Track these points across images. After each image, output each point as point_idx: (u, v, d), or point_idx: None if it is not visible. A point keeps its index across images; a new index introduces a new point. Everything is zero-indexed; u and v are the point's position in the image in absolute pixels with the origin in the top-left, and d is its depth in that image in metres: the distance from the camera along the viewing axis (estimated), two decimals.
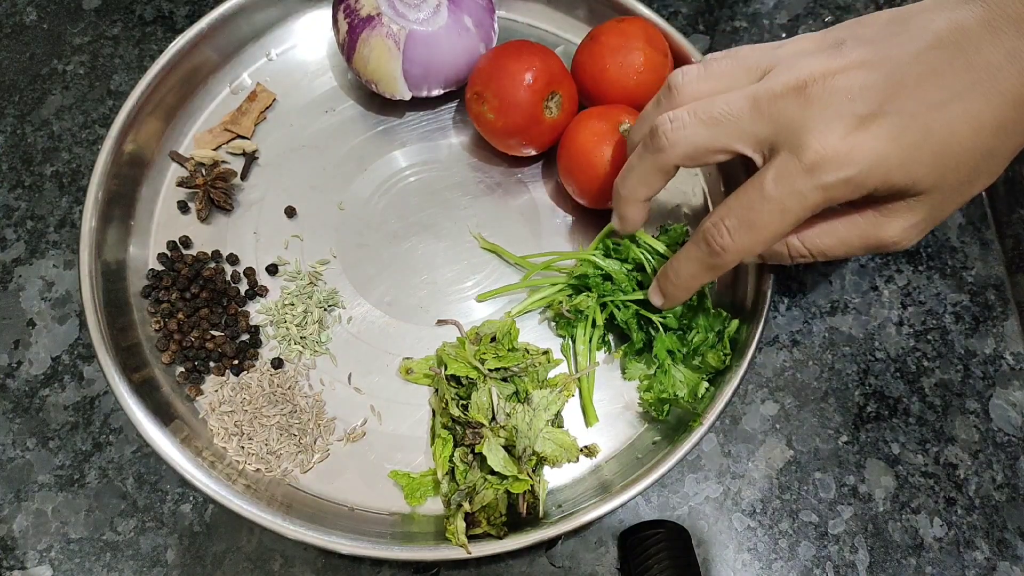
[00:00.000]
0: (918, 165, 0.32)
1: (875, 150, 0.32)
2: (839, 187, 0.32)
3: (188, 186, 0.49)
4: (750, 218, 0.34)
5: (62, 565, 0.44)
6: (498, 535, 0.40)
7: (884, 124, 0.32)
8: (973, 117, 0.32)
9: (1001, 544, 0.45)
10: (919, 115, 0.32)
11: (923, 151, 0.32)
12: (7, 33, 0.58)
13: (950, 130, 0.32)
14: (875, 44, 0.33)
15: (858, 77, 0.32)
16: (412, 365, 0.46)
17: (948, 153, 0.32)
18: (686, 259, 0.39)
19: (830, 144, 0.32)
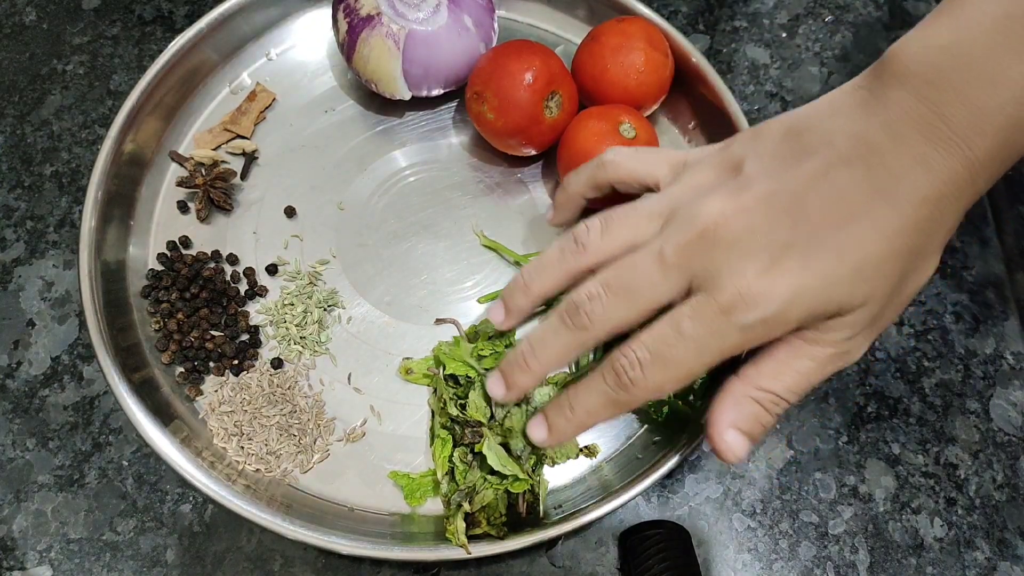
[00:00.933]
0: (837, 288, 0.32)
1: (790, 285, 0.31)
2: (758, 327, 0.32)
3: (188, 186, 0.49)
4: (665, 354, 0.33)
5: (62, 565, 0.44)
6: (498, 535, 0.40)
7: (795, 256, 0.31)
8: (882, 227, 0.31)
9: (1001, 544, 0.45)
10: (827, 240, 0.31)
11: (839, 274, 0.31)
12: (7, 33, 0.58)
13: (861, 246, 0.31)
14: (773, 167, 0.33)
15: (760, 213, 0.32)
16: (412, 365, 0.46)
17: (866, 268, 0.32)
18: (587, 391, 0.35)
19: (744, 285, 0.31)
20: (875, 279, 0.32)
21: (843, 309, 0.32)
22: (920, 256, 0.33)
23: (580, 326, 0.35)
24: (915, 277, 0.34)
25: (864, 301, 0.32)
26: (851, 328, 0.33)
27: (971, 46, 0.30)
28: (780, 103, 0.57)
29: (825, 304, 0.32)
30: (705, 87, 0.50)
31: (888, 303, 0.33)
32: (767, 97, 0.57)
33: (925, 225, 0.32)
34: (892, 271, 0.32)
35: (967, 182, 0.31)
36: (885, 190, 0.31)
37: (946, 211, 0.32)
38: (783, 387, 0.34)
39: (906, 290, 0.34)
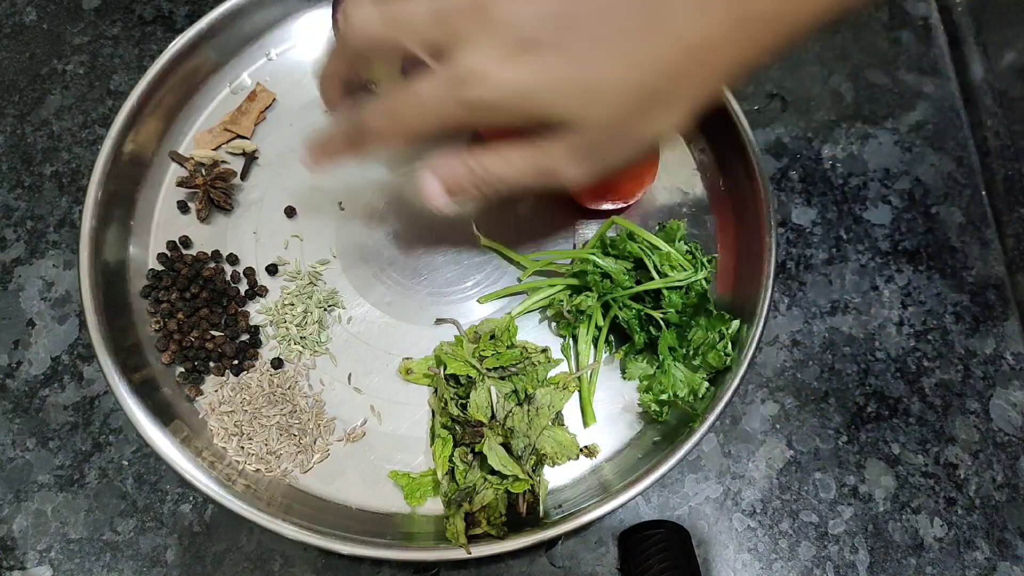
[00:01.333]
0: (564, 100, 0.32)
1: (520, 79, 0.32)
2: (477, 107, 0.33)
3: (188, 186, 0.49)
4: (394, 108, 0.35)
5: (62, 565, 0.44)
6: (498, 535, 0.40)
7: (539, 56, 0.32)
8: (629, 58, 0.32)
9: (1001, 544, 0.45)
10: (577, 50, 0.32)
11: (570, 85, 0.32)
12: (7, 33, 0.58)
13: (601, 68, 0.32)
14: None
15: (534, 6, 0.32)
16: (412, 365, 0.46)
17: (598, 90, 0.32)
18: (334, 127, 0.39)
19: (480, 64, 0.32)
20: (603, 104, 0.32)
21: (565, 122, 0.33)
22: (660, 102, 0.33)
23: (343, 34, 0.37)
24: (649, 121, 0.34)
25: (586, 121, 0.33)
26: (569, 146, 0.34)
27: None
28: (780, 103, 0.57)
29: (548, 110, 0.32)
30: None
31: (612, 136, 0.34)
32: (767, 97, 0.57)
33: (675, 72, 0.32)
34: (624, 103, 0.32)
35: (737, 39, 0.32)
36: (652, 21, 0.31)
37: (703, 65, 0.32)
38: (491, 168, 0.36)
39: (636, 131, 0.34)
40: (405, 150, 0.37)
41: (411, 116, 0.35)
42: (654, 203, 0.51)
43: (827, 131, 0.56)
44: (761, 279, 0.46)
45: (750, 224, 0.48)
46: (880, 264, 0.52)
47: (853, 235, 0.53)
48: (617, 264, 0.45)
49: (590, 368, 0.45)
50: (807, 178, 0.55)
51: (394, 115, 0.35)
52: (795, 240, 0.53)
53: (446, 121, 0.34)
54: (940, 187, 0.55)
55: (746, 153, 0.48)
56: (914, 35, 0.59)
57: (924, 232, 0.53)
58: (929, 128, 0.56)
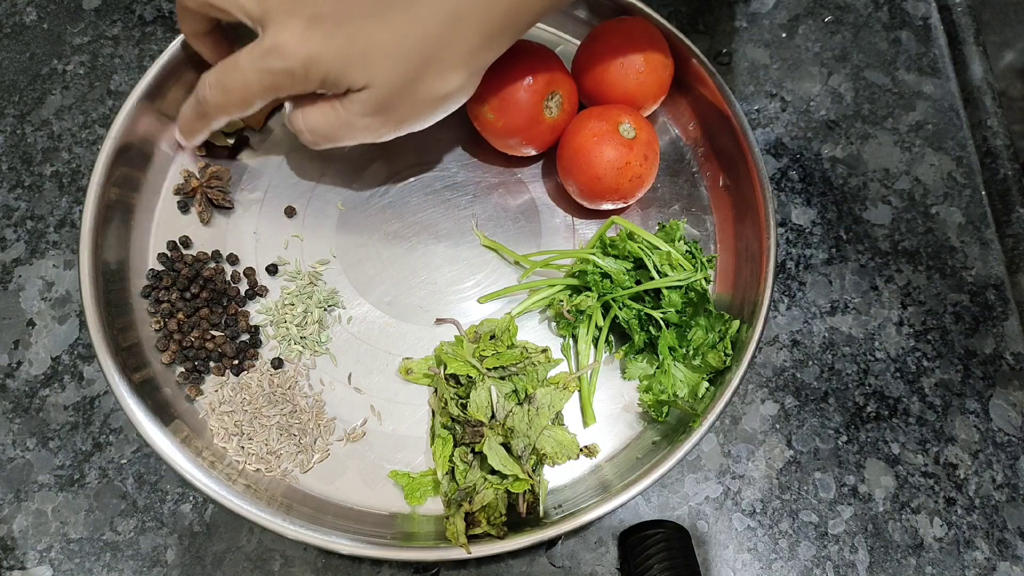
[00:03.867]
0: (344, 66, 0.38)
1: (310, 49, 0.37)
2: (284, 75, 0.38)
3: (185, 193, 0.49)
4: (224, 81, 0.41)
5: (62, 565, 0.44)
6: (498, 535, 0.40)
7: (324, 26, 0.37)
8: (396, 26, 0.37)
9: (1001, 544, 0.45)
10: (352, 21, 0.37)
11: (348, 52, 0.38)
12: (7, 33, 0.58)
13: (372, 36, 0.37)
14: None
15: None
16: (412, 365, 0.46)
17: (371, 55, 0.38)
18: (187, 104, 0.45)
19: (281, 37, 0.38)
20: (377, 69, 0.38)
21: (351, 85, 0.39)
22: (430, 64, 0.38)
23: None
24: (429, 83, 0.39)
25: (367, 84, 0.38)
26: (363, 106, 0.40)
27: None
28: (780, 103, 0.57)
29: (336, 76, 0.38)
30: (705, 87, 0.50)
31: (397, 97, 0.39)
32: (767, 97, 0.57)
33: (436, 37, 0.38)
34: (396, 67, 0.38)
35: (483, 8, 0.37)
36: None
37: (462, 30, 0.38)
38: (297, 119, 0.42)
39: (419, 91, 0.39)
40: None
41: (238, 88, 0.40)
42: (654, 203, 0.51)
43: (827, 131, 0.56)
44: (761, 279, 0.46)
45: (750, 224, 0.48)
46: (880, 264, 0.52)
47: (853, 235, 0.53)
48: (617, 264, 0.45)
49: (590, 368, 0.45)
50: (807, 178, 0.55)
51: (225, 88, 0.41)
52: (795, 240, 0.53)
53: (267, 90, 0.40)
54: (940, 187, 0.55)
55: (746, 153, 0.48)
56: (914, 35, 0.59)
57: (924, 232, 0.53)
58: (929, 128, 0.56)
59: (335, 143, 0.43)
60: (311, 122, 0.42)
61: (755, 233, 0.47)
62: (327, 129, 0.42)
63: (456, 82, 0.40)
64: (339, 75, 0.38)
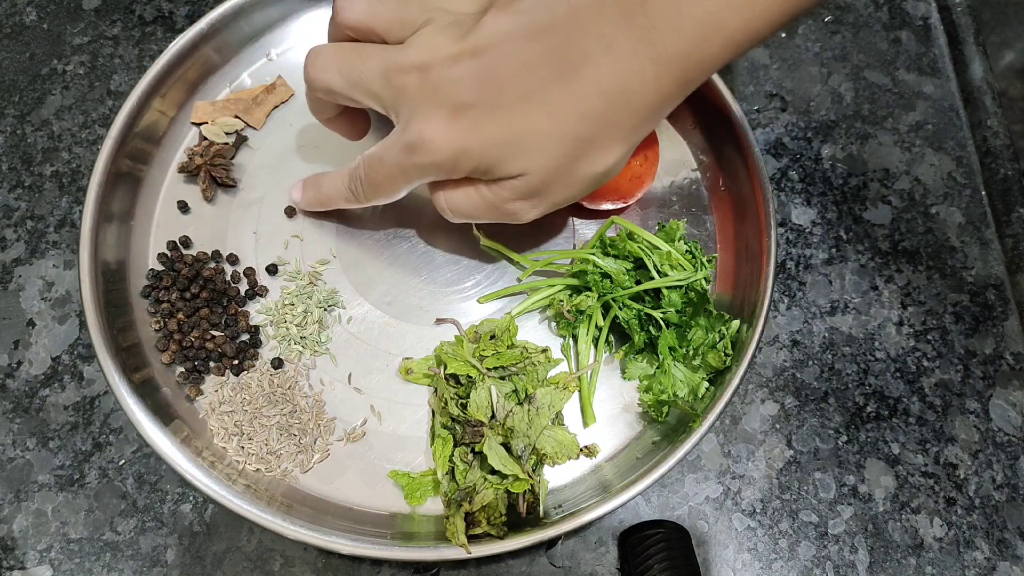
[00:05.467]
0: (497, 155, 0.35)
1: (457, 140, 0.35)
2: (431, 168, 0.37)
3: (189, 171, 0.49)
4: (372, 176, 0.40)
5: (62, 565, 0.44)
6: (498, 535, 0.40)
7: (470, 116, 0.35)
8: (552, 109, 0.34)
9: (1001, 544, 0.45)
10: (501, 109, 0.34)
11: (501, 142, 0.35)
12: (7, 33, 0.58)
13: (527, 122, 0.34)
14: (503, 20, 0.35)
15: (465, 67, 0.35)
16: (412, 365, 0.46)
17: (526, 142, 0.35)
18: (332, 184, 0.44)
19: (426, 130, 0.36)
20: (534, 155, 0.35)
21: (504, 174, 0.36)
22: (590, 145, 0.35)
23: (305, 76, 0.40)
24: (585, 163, 0.36)
25: (523, 171, 0.36)
26: (514, 192, 0.37)
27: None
28: (780, 103, 0.57)
29: (486, 165, 0.36)
30: (705, 87, 0.50)
31: (554, 179, 0.37)
32: (767, 97, 0.57)
33: (599, 116, 0.34)
34: (555, 152, 0.35)
35: (653, 79, 0.33)
36: (568, 71, 0.33)
37: (624, 107, 0.34)
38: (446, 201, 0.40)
39: (575, 173, 0.37)
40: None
41: (387, 183, 0.40)
42: (654, 203, 0.51)
43: (827, 131, 0.56)
44: (761, 279, 0.46)
45: (750, 224, 0.48)
46: (880, 264, 0.52)
47: (853, 235, 0.53)
48: (617, 264, 0.45)
49: (590, 368, 0.45)
50: (807, 178, 0.55)
51: (374, 184, 0.41)
52: (795, 240, 0.53)
53: (413, 182, 0.39)
54: (940, 187, 0.55)
55: (746, 153, 0.48)
56: (914, 35, 0.59)
57: (924, 232, 0.53)
58: (929, 128, 0.56)
59: (477, 221, 0.41)
60: (454, 204, 0.40)
61: (755, 233, 0.47)
62: (471, 211, 0.39)
63: (615, 158, 0.36)
64: (491, 165, 0.36)
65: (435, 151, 0.36)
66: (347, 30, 0.39)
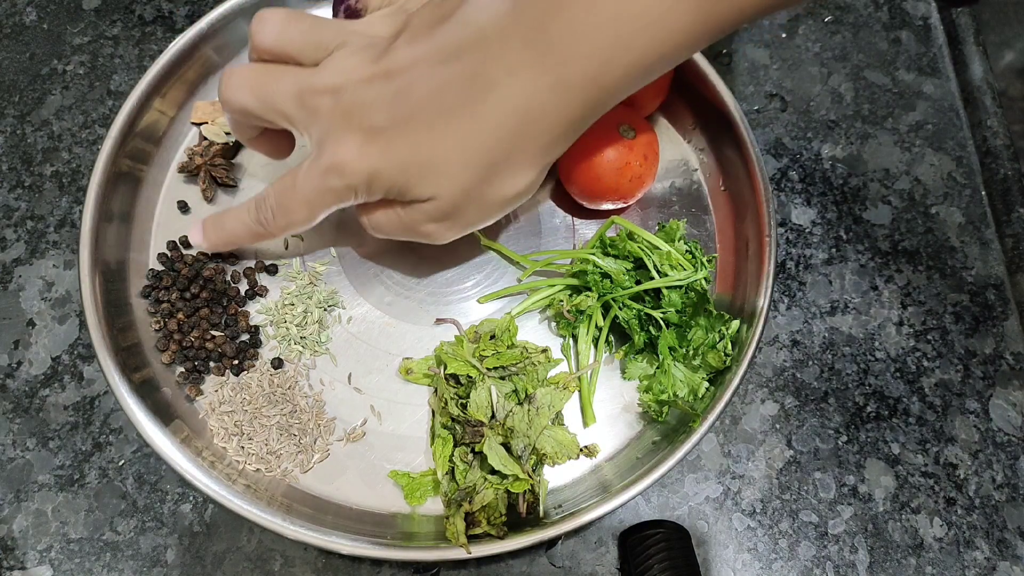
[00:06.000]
0: (407, 178, 0.35)
1: (370, 164, 0.35)
2: (345, 192, 0.37)
3: (189, 171, 0.49)
4: (285, 204, 0.39)
5: (62, 565, 0.44)
6: (498, 535, 0.40)
7: (383, 140, 0.35)
8: (459, 134, 0.34)
9: (1001, 544, 0.45)
10: (412, 132, 0.34)
11: (411, 165, 0.35)
12: (7, 33, 0.58)
13: (436, 146, 0.34)
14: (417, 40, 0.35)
15: (377, 90, 0.35)
16: (412, 365, 0.46)
17: (434, 166, 0.35)
18: (237, 219, 0.42)
19: (339, 155, 0.35)
20: (443, 179, 0.35)
21: (416, 197, 0.36)
22: (499, 169, 0.35)
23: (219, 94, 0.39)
24: (497, 187, 0.36)
25: (433, 196, 0.36)
26: (426, 215, 0.37)
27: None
28: (780, 103, 0.57)
29: (400, 188, 0.36)
30: (705, 87, 0.50)
31: (464, 204, 0.37)
32: (767, 97, 0.57)
33: (506, 140, 0.34)
34: (463, 176, 0.35)
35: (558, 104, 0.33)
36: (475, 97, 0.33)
37: (532, 130, 0.34)
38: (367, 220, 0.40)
39: (487, 197, 0.37)
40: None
41: (301, 209, 0.39)
42: (654, 203, 0.51)
43: (827, 131, 0.56)
44: (761, 279, 0.46)
45: (750, 224, 0.48)
46: (880, 264, 0.52)
47: (853, 235, 0.53)
48: (617, 264, 0.45)
49: (590, 368, 0.45)
50: (807, 178, 0.55)
51: (287, 211, 0.39)
52: (795, 240, 0.53)
53: (328, 207, 0.38)
54: (940, 187, 0.55)
55: (746, 153, 0.48)
56: (914, 35, 0.59)
57: (924, 232, 0.53)
58: (929, 128, 0.56)
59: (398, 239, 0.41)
60: (375, 223, 0.40)
61: (755, 233, 0.47)
62: (390, 230, 0.40)
63: (525, 182, 0.37)
64: (403, 188, 0.36)
65: (349, 174, 0.36)
66: (262, 53, 0.39)
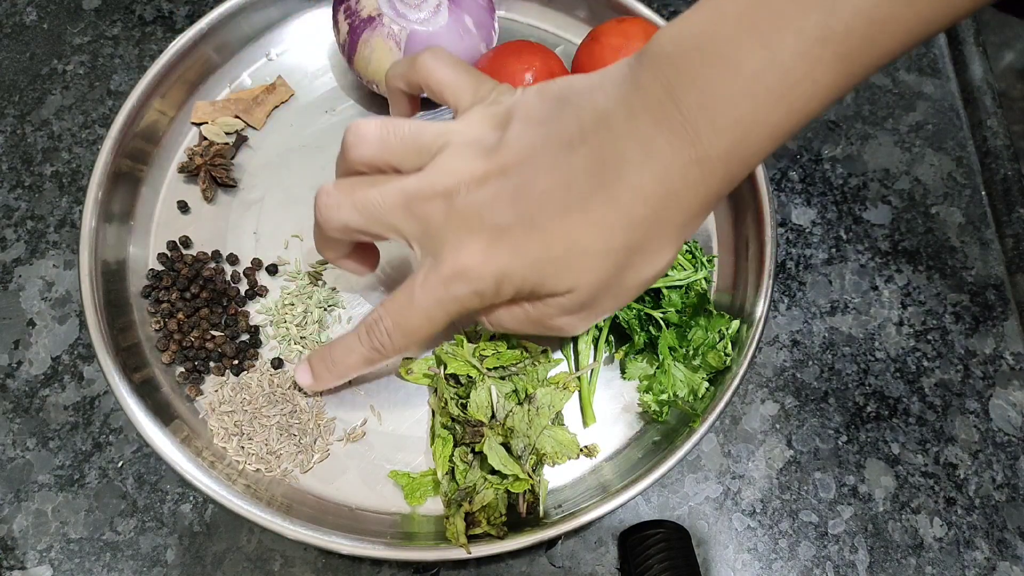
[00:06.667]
0: (543, 274, 0.33)
1: (499, 266, 0.33)
2: (472, 298, 0.34)
3: (189, 171, 0.49)
4: (403, 323, 0.36)
5: (62, 565, 0.44)
6: (498, 535, 0.40)
7: (509, 240, 0.33)
8: (595, 221, 0.32)
9: (1001, 544, 0.45)
10: (542, 226, 0.32)
11: (546, 261, 0.33)
12: (7, 33, 0.58)
13: (570, 239, 0.32)
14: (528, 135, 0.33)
15: (495, 187, 0.33)
16: (412, 365, 0.46)
17: (572, 259, 0.32)
18: (347, 349, 0.40)
19: (461, 260, 0.33)
20: (582, 271, 0.33)
21: (551, 292, 0.34)
22: (639, 252, 0.33)
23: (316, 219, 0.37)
24: (635, 272, 0.34)
25: (570, 288, 0.33)
26: (560, 309, 0.35)
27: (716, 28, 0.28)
28: None
29: (533, 286, 0.34)
30: None
31: (602, 292, 0.34)
32: None
33: (645, 223, 0.32)
34: (601, 265, 0.33)
35: (697, 180, 0.30)
36: (608, 181, 0.31)
37: (671, 211, 0.31)
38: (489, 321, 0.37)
39: (624, 283, 0.34)
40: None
41: (423, 325, 0.36)
42: None
43: (827, 131, 0.56)
44: (761, 279, 0.46)
45: (750, 224, 0.48)
46: (880, 264, 0.52)
47: (853, 235, 0.53)
48: None
49: (590, 368, 0.45)
50: (807, 178, 0.55)
51: (406, 329, 0.37)
52: (795, 240, 0.53)
53: (453, 317, 0.36)
54: (940, 187, 0.55)
55: None
56: None
57: (924, 232, 0.53)
58: (929, 128, 0.56)
59: (524, 335, 0.39)
60: (498, 323, 0.37)
61: (755, 233, 0.47)
62: (516, 327, 0.37)
63: (663, 263, 0.34)
64: (536, 285, 0.34)
65: (475, 279, 0.33)
66: (360, 166, 0.37)
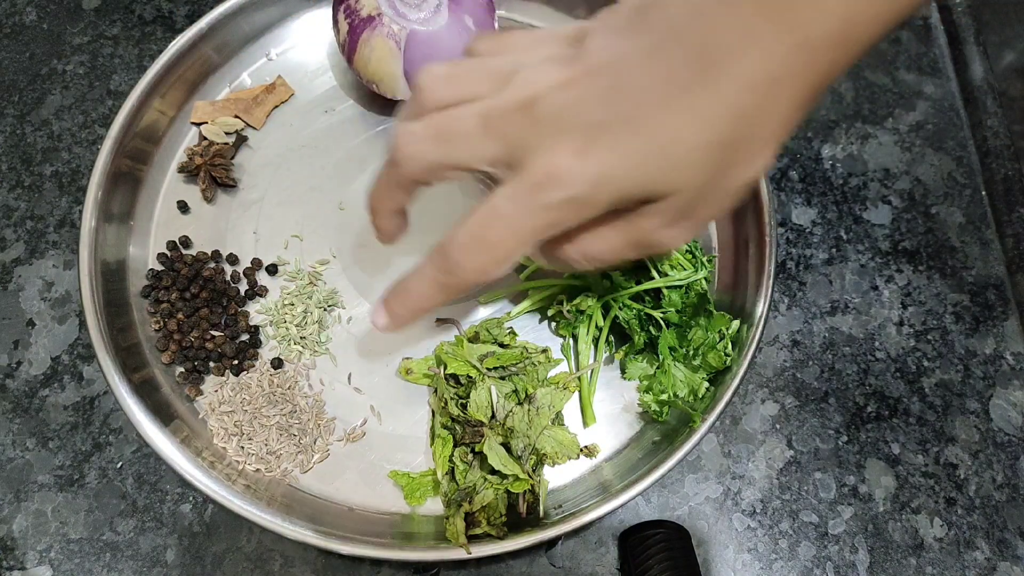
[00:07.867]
0: (646, 174, 0.30)
1: (598, 167, 0.30)
2: (564, 207, 0.31)
3: (188, 171, 0.49)
4: (484, 236, 0.33)
5: (62, 565, 0.44)
6: (498, 535, 0.40)
7: (607, 138, 0.30)
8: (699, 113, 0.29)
9: (1001, 544, 0.45)
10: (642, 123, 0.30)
11: (648, 159, 0.30)
12: (7, 33, 0.58)
13: (674, 132, 0.30)
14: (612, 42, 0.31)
15: (583, 88, 0.30)
16: (412, 365, 0.46)
17: (677, 155, 0.30)
18: (419, 277, 0.36)
19: (553, 164, 0.30)
20: (686, 167, 0.30)
21: (653, 195, 0.31)
22: (742, 147, 0.31)
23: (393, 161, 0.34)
24: (738, 170, 0.31)
25: (675, 189, 0.31)
26: (662, 215, 0.32)
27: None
28: None
29: (632, 188, 0.31)
30: None
31: (705, 194, 0.32)
32: None
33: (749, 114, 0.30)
34: (707, 160, 0.30)
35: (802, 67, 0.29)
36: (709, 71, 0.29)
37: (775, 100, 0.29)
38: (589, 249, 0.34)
39: (727, 183, 0.32)
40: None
41: (506, 239, 0.32)
42: None
43: (827, 131, 0.56)
44: (761, 279, 0.46)
45: (750, 224, 0.48)
46: (880, 264, 0.52)
47: (853, 235, 0.53)
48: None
49: (590, 368, 0.45)
50: (807, 178, 0.55)
51: (487, 244, 0.33)
52: (795, 240, 0.53)
53: (542, 232, 0.32)
54: (940, 187, 0.55)
55: None
56: (914, 35, 0.59)
57: (924, 232, 0.53)
58: (929, 128, 0.56)
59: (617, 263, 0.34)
60: (590, 251, 0.34)
61: (755, 233, 0.47)
62: (612, 254, 0.34)
63: (764, 161, 0.31)
64: (637, 187, 0.31)
65: (569, 183, 0.30)
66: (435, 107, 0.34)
